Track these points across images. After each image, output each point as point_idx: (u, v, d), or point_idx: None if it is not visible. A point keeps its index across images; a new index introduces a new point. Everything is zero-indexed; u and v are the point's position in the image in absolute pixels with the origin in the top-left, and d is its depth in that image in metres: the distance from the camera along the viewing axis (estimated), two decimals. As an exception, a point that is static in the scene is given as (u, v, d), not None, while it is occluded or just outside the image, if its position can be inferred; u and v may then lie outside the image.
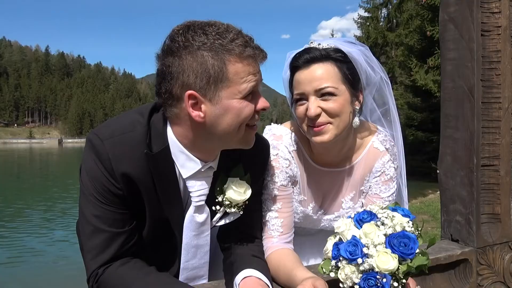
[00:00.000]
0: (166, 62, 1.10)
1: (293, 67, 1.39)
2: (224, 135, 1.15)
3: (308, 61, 1.35)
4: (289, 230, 1.43)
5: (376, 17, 34.03)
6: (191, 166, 1.22)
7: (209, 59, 1.07)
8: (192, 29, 1.09)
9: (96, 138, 1.16)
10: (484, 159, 1.47)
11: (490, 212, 1.50)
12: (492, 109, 1.47)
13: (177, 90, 1.11)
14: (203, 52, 1.07)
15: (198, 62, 1.07)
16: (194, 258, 1.31)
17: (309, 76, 1.34)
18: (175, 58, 1.09)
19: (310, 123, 1.35)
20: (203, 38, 1.08)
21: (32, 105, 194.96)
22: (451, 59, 1.50)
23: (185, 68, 1.08)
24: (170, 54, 1.10)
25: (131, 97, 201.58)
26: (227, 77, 1.08)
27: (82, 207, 1.19)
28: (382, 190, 1.52)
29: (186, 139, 1.19)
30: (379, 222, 1.06)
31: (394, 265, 0.99)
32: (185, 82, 1.09)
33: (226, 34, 1.09)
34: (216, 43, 1.07)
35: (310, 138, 1.39)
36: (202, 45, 1.07)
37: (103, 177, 1.14)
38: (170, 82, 1.11)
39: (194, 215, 1.26)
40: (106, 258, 1.15)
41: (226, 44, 1.07)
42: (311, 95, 1.34)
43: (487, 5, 1.44)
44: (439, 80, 4.18)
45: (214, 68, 1.07)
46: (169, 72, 1.10)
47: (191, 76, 1.08)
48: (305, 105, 1.35)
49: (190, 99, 1.10)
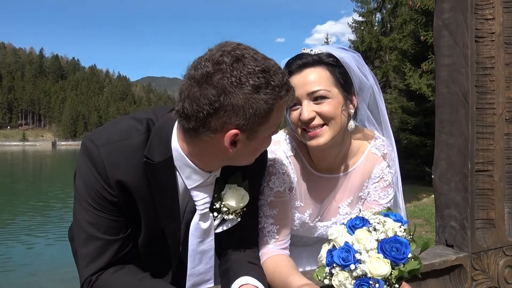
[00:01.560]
0: (209, 93, 1.01)
1: (289, 72, 1.39)
2: (242, 160, 1.19)
3: (301, 66, 1.37)
4: (285, 236, 1.43)
5: (371, 22, 34.26)
6: (196, 178, 1.20)
7: (262, 103, 1.03)
8: (239, 64, 1.02)
9: (91, 144, 1.14)
10: (479, 165, 1.48)
11: (484, 218, 1.51)
12: (486, 115, 1.48)
13: (217, 123, 1.04)
14: (255, 95, 1.02)
15: (249, 105, 1.02)
16: (200, 263, 1.30)
17: (302, 81, 1.35)
18: (223, 94, 1.01)
19: (305, 127, 1.36)
20: (254, 78, 1.02)
21: (25, 108, 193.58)
22: (446, 65, 1.51)
23: (235, 107, 1.02)
24: (214, 88, 1.01)
25: (126, 100, 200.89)
26: (270, 117, 1.08)
27: (76, 214, 1.17)
28: (381, 196, 1.52)
29: (196, 158, 1.17)
30: (371, 228, 1.06)
31: (387, 270, 0.99)
32: (230, 120, 1.04)
33: (273, 75, 1.05)
34: (268, 87, 1.03)
35: (305, 142, 1.39)
36: (254, 88, 1.02)
37: (97, 183, 1.13)
38: (210, 113, 1.03)
39: (199, 223, 1.25)
40: (100, 265, 1.14)
41: (278, 91, 1.05)
42: (304, 99, 1.34)
43: (481, 12, 1.45)
44: (433, 85, 4.13)
45: (263, 110, 1.04)
46: (210, 104, 1.01)
47: (240, 117, 1.03)
48: (299, 109, 1.36)
49: (231, 136, 1.06)
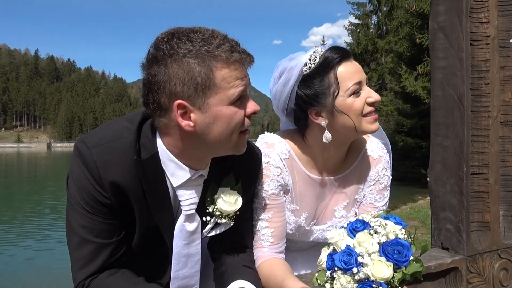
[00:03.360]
0: (152, 71, 1.08)
1: (336, 61, 1.35)
2: (215, 143, 1.13)
3: (348, 53, 1.38)
4: (280, 240, 1.42)
5: (367, 24, 34.44)
6: (181, 175, 1.19)
7: (195, 66, 1.05)
8: (176, 36, 1.07)
9: (83, 146, 1.13)
10: (474, 167, 1.48)
11: (479, 220, 1.51)
12: (481, 118, 1.48)
13: (165, 100, 1.08)
14: (189, 59, 1.05)
15: (185, 70, 1.05)
16: (185, 267, 1.29)
17: (356, 67, 1.37)
18: (161, 67, 1.06)
19: (370, 111, 1.36)
20: (189, 45, 1.06)
21: (20, 109, 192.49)
22: (441, 67, 1.51)
23: (172, 76, 1.05)
24: (155, 63, 1.07)
25: (122, 102, 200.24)
26: (215, 83, 1.06)
27: (69, 217, 1.16)
28: (377, 199, 1.51)
29: (177, 148, 1.17)
30: (372, 231, 1.05)
31: (389, 273, 0.99)
32: (173, 91, 1.06)
33: (211, 40, 1.07)
34: (202, 49, 1.05)
35: (364, 129, 1.38)
36: (188, 52, 1.05)
37: (90, 186, 1.12)
38: (157, 92, 1.08)
39: (184, 224, 1.23)
40: (93, 269, 1.12)
41: (212, 50, 1.06)
42: (364, 83, 1.37)
43: (475, 15, 1.46)
44: (429, 87, 4.17)
45: (201, 75, 1.05)
46: (155, 82, 1.07)
47: (178, 85, 1.05)
48: (361, 94, 1.35)
49: (179, 108, 1.07)
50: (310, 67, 1.37)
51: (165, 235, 1.24)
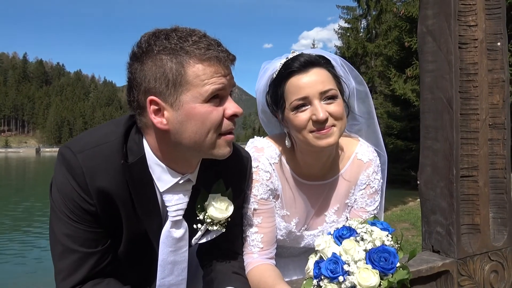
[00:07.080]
0: (132, 69, 1.09)
1: (287, 73, 1.32)
2: (191, 143, 1.09)
3: (305, 65, 1.30)
4: (270, 246, 1.40)
5: (356, 28, 34.76)
6: (167, 179, 1.16)
7: (167, 62, 1.04)
8: (157, 35, 1.07)
9: (68, 152, 1.10)
10: (463, 170, 1.48)
11: (470, 223, 1.51)
12: (470, 121, 1.49)
13: (142, 97, 1.08)
14: (162, 55, 1.05)
15: (157, 66, 1.05)
16: (171, 275, 1.26)
17: (311, 80, 1.29)
18: (138, 64, 1.07)
19: (316, 128, 1.29)
20: (165, 42, 1.05)
21: (8, 113, 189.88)
22: (430, 71, 1.52)
23: (146, 73, 1.06)
24: (135, 61, 1.08)
25: (112, 105, 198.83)
26: (187, 80, 1.04)
27: (53, 225, 1.12)
28: (368, 203, 1.50)
29: (158, 151, 1.15)
30: (358, 238, 1.05)
31: (376, 281, 0.98)
32: (147, 88, 1.06)
33: (188, 37, 1.06)
34: (177, 46, 1.05)
35: (312, 144, 1.31)
36: (163, 49, 1.05)
37: (74, 193, 1.09)
38: (136, 89, 1.09)
39: (171, 231, 1.21)
40: (77, 279, 1.09)
41: (186, 47, 1.05)
42: (315, 98, 1.28)
43: (464, 18, 1.47)
44: (418, 90, 4.17)
45: (172, 71, 1.04)
46: (133, 79, 1.08)
47: (152, 81, 1.05)
48: (308, 110, 1.29)
49: (151, 104, 1.06)
50: (275, 74, 1.37)
51: (153, 241, 1.21)
